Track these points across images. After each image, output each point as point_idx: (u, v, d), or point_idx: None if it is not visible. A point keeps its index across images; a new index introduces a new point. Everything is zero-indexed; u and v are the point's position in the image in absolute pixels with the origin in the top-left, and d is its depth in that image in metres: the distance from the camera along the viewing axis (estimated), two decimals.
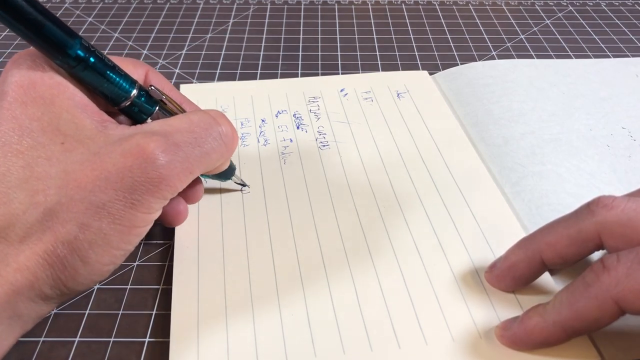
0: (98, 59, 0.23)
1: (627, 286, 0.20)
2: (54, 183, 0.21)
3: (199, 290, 0.26)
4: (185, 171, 0.23)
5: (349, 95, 0.40)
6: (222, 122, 0.25)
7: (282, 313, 0.25)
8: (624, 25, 0.52)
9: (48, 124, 0.22)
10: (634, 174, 0.34)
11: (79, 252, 0.21)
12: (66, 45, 0.22)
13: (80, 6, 0.54)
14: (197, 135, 0.23)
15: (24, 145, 0.21)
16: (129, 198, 0.21)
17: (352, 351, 0.24)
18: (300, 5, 0.55)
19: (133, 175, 0.21)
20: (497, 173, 0.33)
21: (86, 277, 0.22)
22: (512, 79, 0.41)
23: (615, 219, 0.23)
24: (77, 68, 0.23)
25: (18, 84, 0.22)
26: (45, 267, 0.21)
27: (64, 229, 0.21)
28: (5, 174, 0.21)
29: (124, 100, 0.24)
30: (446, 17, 0.53)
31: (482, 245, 0.28)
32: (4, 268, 0.20)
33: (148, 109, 0.25)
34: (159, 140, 0.22)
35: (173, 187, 0.23)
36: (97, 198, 0.21)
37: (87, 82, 0.23)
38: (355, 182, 0.32)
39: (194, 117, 0.24)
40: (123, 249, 0.23)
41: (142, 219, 0.22)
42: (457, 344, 0.24)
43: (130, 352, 0.25)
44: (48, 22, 0.21)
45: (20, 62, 0.23)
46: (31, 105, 0.22)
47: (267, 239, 0.29)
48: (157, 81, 0.27)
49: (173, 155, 0.22)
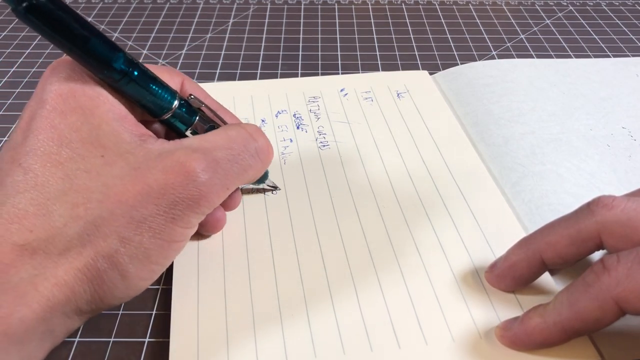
0: (141, 72, 0.23)
1: (627, 286, 0.20)
2: (95, 197, 0.21)
3: (199, 290, 0.26)
4: (224, 187, 0.23)
5: (349, 95, 0.40)
6: (258, 138, 0.25)
7: (282, 313, 0.25)
8: (624, 25, 0.52)
9: (88, 135, 0.22)
10: (634, 174, 0.34)
11: (120, 266, 0.21)
12: (111, 59, 0.22)
13: (80, 6, 0.54)
14: (235, 152, 0.23)
15: (63, 156, 0.21)
16: (170, 213, 0.21)
17: (352, 351, 0.24)
18: (300, 5, 0.55)
19: (174, 192, 0.21)
20: (497, 173, 0.33)
21: (123, 292, 0.22)
22: (512, 79, 0.41)
23: (616, 219, 0.23)
24: (121, 82, 0.22)
25: (57, 92, 0.22)
26: (84, 282, 0.20)
27: (105, 242, 0.21)
28: (45, 185, 0.20)
29: (166, 112, 0.24)
30: (446, 17, 0.53)
31: (482, 245, 0.28)
32: (41, 283, 0.19)
33: (188, 119, 0.25)
34: (200, 159, 0.22)
35: (212, 202, 0.23)
36: (139, 213, 0.21)
37: (130, 95, 0.23)
38: (355, 182, 0.32)
39: (231, 133, 0.24)
40: (161, 263, 0.22)
41: (181, 233, 0.22)
42: (457, 344, 0.24)
43: (130, 352, 0.25)
44: (93, 37, 0.21)
45: (59, 70, 0.22)
46: (70, 115, 0.22)
47: (267, 239, 0.29)
48: (194, 89, 0.27)
49: (213, 173, 0.22)
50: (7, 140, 0.22)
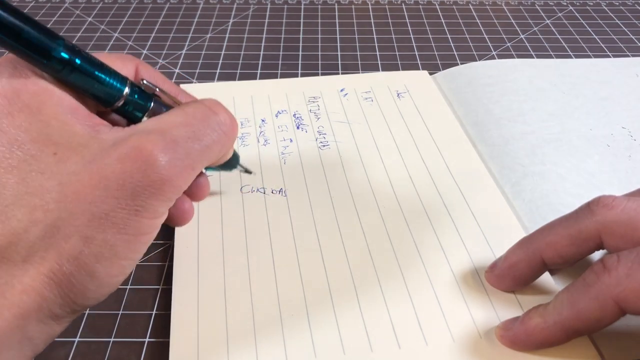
0: (84, 60, 0.21)
1: (627, 286, 0.20)
2: (52, 197, 0.20)
3: (199, 291, 0.26)
4: (188, 168, 0.22)
5: (349, 95, 0.40)
6: (218, 111, 0.23)
7: (282, 313, 0.25)
8: (624, 25, 0.52)
9: (38, 134, 0.20)
10: (634, 174, 0.33)
11: (86, 267, 0.20)
12: (49, 48, 0.20)
13: (80, 6, 0.54)
14: (195, 129, 0.22)
15: (16, 159, 0.20)
16: (132, 205, 0.20)
17: (352, 351, 0.24)
18: (300, 5, 0.55)
19: (133, 180, 0.20)
20: (497, 173, 0.33)
21: (96, 292, 0.21)
22: (512, 78, 0.41)
23: (616, 219, 0.23)
24: (63, 72, 0.21)
25: (1, 94, 0.21)
26: (52, 287, 0.20)
27: (67, 244, 0.20)
28: (0, 192, 0.20)
29: (117, 100, 0.23)
30: (446, 17, 0.53)
31: (482, 245, 0.28)
32: (9, 290, 0.19)
33: (143, 105, 0.24)
34: (156, 140, 0.21)
35: (177, 187, 0.21)
36: (99, 208, 0.20)
37: (76, 85, 0.22)
38: (355, 183, 0.32)
39: (189, 110, 0.23)
40: (131, 258, 0.21)
41: (148, 225, 0.21)
42: (457, 344, 0.24)
43: (130, 352, 0.25)
44: (26, 27, 0.19)
45: (0, 70, 0.21)
46: (18, 115, 0.20)
47: (267, 238, 0.29)
48: (149, 74, 0.25)
49: (173, 154, 0.21)
50: None
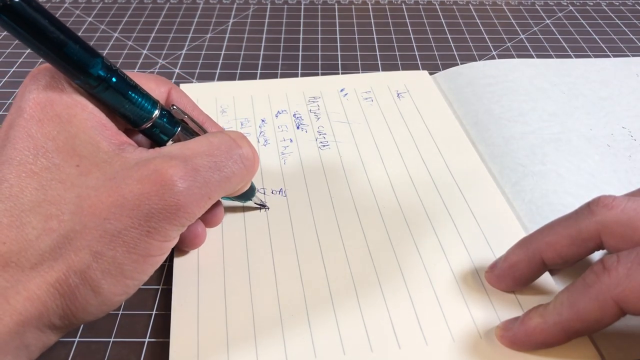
0: (120, 79, 0.22)
1: (627, 287, 0.20)
2: (68, 208, 0.20)
3: (199, 291, 0.26)
4: (204, 197, 0.22)
5: (349, 95, 0.40)
6: (242, 145, 0.24)
7: (282, 313, 0.25)
8: (624, 25, 0.52)
9: (64, 144, 0.21)
10: (634, 174, 0.33)
11: (92, 282, 0.20)
12: (87, 64, 0.21)
13: (80, 6, 0.54)
14: (217, 159, 0.22)
15: (39, 165, 0.20)
16: (145, 226, 0.20)
17: (352, 351, 0.24)
18: (300, 5, 0.55)
19: (150, 202, 0.20)
20: (497, 173, 0.33)
21: (97, 308, 0.21)
22: (513, 78, 0.41)
23: (616, 219, 0.23)
24: (98, 88, 0.22)
25: (35, 101, 0.21)
26: (56, 297, 0.20)
27: (76, 257, 0.20)
28: (19, 196, 0.20)
29: (145, 121, 0.23)
30: (446, 17, 0.53)
31: (482, 245, 0.28)
32: (13, 296, 0.19)
33: (169, 129, 0.24)
34: (178, 166, 0.21)
35: (191, 213, 0.22)
36: (112, 226, 0.20)
37: (108, 103, 0.22)
38: (355, 182, 0.32)
39: (213, 140, 0.23)
40: (137, 279, 0.22)
41: (158, 247, 0.21)
42: (457, 344, 0.24)
43: (130, 352, 0.25)
44: (70, 41, 0.20)
45: (39, 77, 0.22)
46: (47, 123, 0.21)
47: (267, 238, 0.29)
48: (180, 100, 0.26)
49: (192, 181, 0.21)
50: None
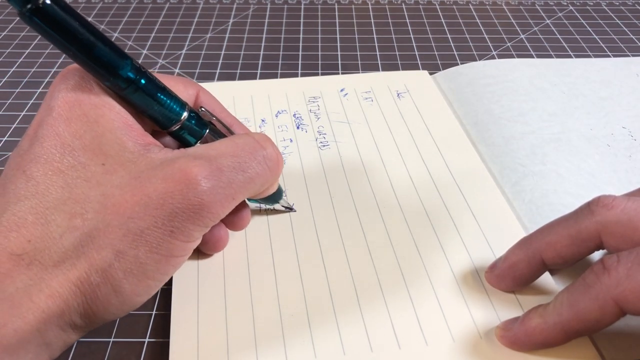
0: (149, 81, 0.22)
1: (627, 287, 0.20)
2: (92, 207, 0.20)
3: (199, 290, 0.26)
4: (228, 197, 0.22)
5: (349, 95, 0.40)
6: (266, 146, 0.24)
7: (282, 313, 0.25)
8: (624, 24, 0.52)
9: (90, 143, 0.21)
10: (635, 174, 0.33)
11: (113, 281, 0.20)
12: (117, 66, 0.21)
13: (80, 6, 0.54)
14: (241, 160, 0.22)
15: (65, 164, 0.21)
16: (168, 225, 0.20)
17: (352, 351, 0.24)
18: (300, 5, 0.55)
19: (174, 201, 0.20)
20: (497, 173, 0.33)
21: (117, 308, 0.21)
22: (513, 78, 0.41)
23: (616, 219, 0.23)
24: (127, 90, 0.22)
25: (64, 100, 0.21)
26: (77, 295, 0.20)
27: (99, 255, 0.20)
28: (45, 193, 0.20)
29: (174, 123, 0.23)
30: (446, 17, 0.53)
31: (482, 245, 0.28)
32: (36, 294, 0.19)
33: (198, 132, 0.24)
34: (202, 165, 0.21)
35: (215, 213, 0.22)
36: (135, 225, 0.20)
37: (137, 105, 0.22)
38: (355, 182, 0.32)
39: (238, 141, 0.23)
40: (158, 279, 0.22)
41: (181, 247, 0.21)
42: (457, 344, 0.24)
43: (130, 352, 0.25)
44: (99, 43, 0.20)
45: (68, 77, 0.22)
46: (75, 122, 0.21)
47: (267, 238, 0.29)
48: (208, 102, 0.26)
49: (216, 181, 0.21)
50: (15, 147, 0.22)
